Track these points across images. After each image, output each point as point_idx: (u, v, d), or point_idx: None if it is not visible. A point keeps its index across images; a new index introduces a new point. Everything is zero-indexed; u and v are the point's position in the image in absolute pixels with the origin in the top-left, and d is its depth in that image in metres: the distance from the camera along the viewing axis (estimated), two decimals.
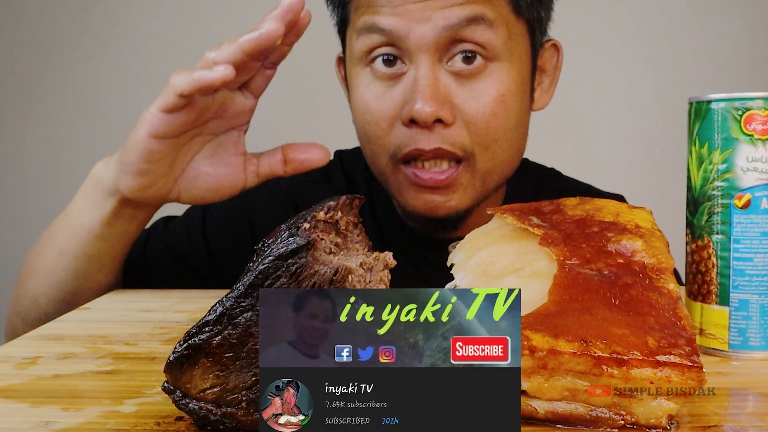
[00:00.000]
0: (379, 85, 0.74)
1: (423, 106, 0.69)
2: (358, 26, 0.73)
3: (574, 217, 0.51)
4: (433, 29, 0.70)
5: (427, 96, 0.69)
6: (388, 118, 0.73)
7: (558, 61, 0.82)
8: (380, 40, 0.72)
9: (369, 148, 0.77)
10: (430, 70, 0.70)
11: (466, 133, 0.72)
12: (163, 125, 0.62)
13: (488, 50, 0.71)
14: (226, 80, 0.58)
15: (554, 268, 0.45)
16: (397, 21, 0.70)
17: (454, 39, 0.70)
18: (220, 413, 0.38)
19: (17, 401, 0.44)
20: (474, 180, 0.75)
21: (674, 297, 0.43)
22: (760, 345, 0.51)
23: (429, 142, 0.71)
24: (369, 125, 0.75)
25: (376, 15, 0.71)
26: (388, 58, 0.73)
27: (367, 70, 0.74)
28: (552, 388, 0.39)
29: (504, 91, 0.72)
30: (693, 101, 0.54)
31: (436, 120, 0.70)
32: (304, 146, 0.69)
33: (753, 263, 0.51)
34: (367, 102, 0.75)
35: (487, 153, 0.74)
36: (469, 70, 0.72)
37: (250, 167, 0.69)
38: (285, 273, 0.39)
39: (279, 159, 0.69)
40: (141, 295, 0.76)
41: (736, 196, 0.51)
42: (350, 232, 0.46)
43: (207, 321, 0.39)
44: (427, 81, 0.70)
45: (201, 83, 0.58)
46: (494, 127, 0.73)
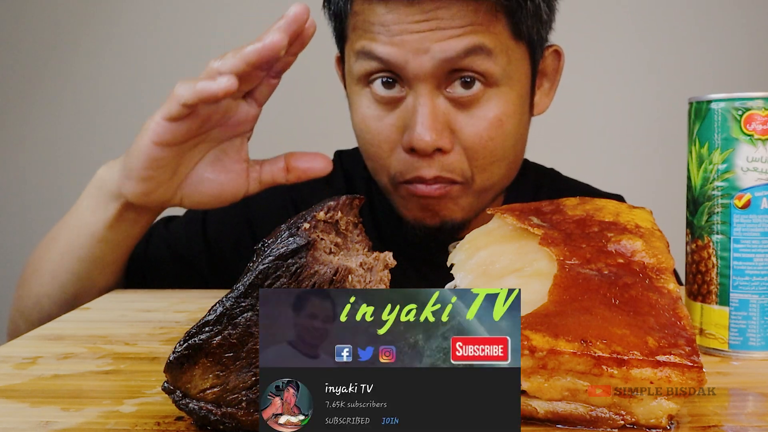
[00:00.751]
0: (379, 108, 0.74)
1: (422, 137, 0.69)
2: (356, 49, 0.73)
3: (574, 217, 0.51)
4: (431, 60, 0.69)
5: (427, 126, 0.69)
6: (390, 142, 0.74)
7: (559, 65, 0.82)
8: (378, 66, 0.71)
9: (370, 164, 0.78)
10: (429, 99, 0.70)
11: (464, 158, 0.72)
12: (167, 133, 0.63)
13: (487, 78, 0.71)
14: (229, 92, 0.58)
15: (554, 268, 0.45)
16: (395, 51, 0.69)
17: (452, 69, 0.70)
18: (220, 413, 0.38)
19: (17, 401, 0.44)
20: (469, 196, 0.75)
21: (674, 297, 0.43)
22: (760, 345, 0.51)
23: (429, 170, 0.72)
24: (370, 146, 0.76)
25: (373, 42, 0.70)
26: (387, 80, 0.72)
27: (367, 90, 0.74)
28: (552, 388, 0.39)
29: (501, 115, 0.72)
30: (693, 101, 0.54)
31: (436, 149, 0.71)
32: (307, 155, 0.69)
33: (753, 263, 0.51)
34: (368, 123, 0.75)
35: (485, 173, 0.74)
36: (469, 97, 0.71)
37: (253, 174, 0.69)
38: (285, 273, 0.39)
39: (281, 167, 0.69)
40: (141, 295, 0.76)
41: (736, 196, 0.51)
42: (350, 232, 0.46)
43: (207, 321, 0.39)
44: (427, 110, 0.70)
45: (204, 94, 0.59)
46: (491, 150, 0.73)
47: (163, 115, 0.62)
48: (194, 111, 0.62)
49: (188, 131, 0.63)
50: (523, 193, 0.86)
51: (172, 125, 0.62)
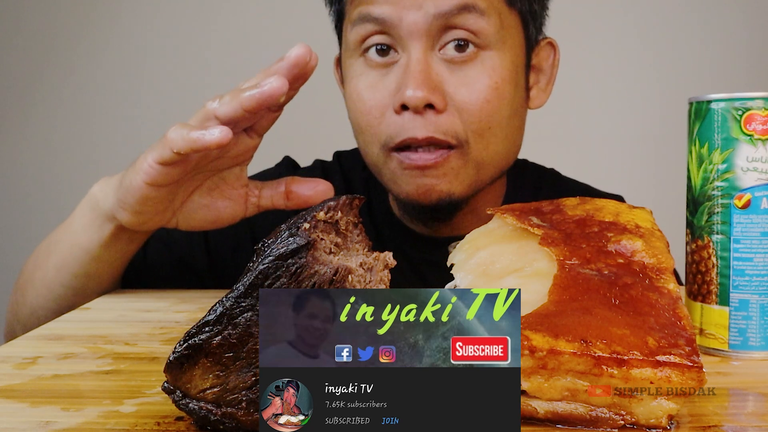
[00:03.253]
0: (372, 74, 0.74)
1: (414, 92, 0.69)
2: (353, 17, 0.74)
3: (574, 217, 0.51)
4: (424, 16, 0.70)
5: (419, 81, 0.70)
6: (380, 107, 0.73)
7: (554, 59, 0.82)
8: (373, 28, 0.73)
9: (361, 138, 0.77)
10: (422, 56, 0.71)
11: (458, 120, 0.72)
12: (159, 176, 0.62)
13: (480, 38, 0.72)
14: (222, 144, 0.57)
15: (554, 268, 0.45)
16: (390, 9, 0.71)
17: (445, 26, 0.71)
18: (220, 413, 0.38)
19: (17, 401, 0.44)
20: (467, 167, 0.74)
21: (674, 297, 0.43)
22: (760, 345, 0.51)
23: (421, 130, 0.71)
24: (361, 115, 0.75)
25: (370, 5, 0.72)
26: (382, 48, 0.73)
27: (361, 60, 0.75)
28: (552, 388, 0.39)
29: (497, 79, 0.73)
30: (693, 101, 0.54)
31: (428, 105, 0.70)
32: (308, 182, 0.69)
33: (753, 263, 0.51)
34: (360, 91, 0.75)
35: (482, 141, 0.73)
36: (461, 58, 0.72)
37: (251, 199, 0.69)
38: (285, 273, 0.39)
39: (282, 192, 0.68)
40: (141, 295, 0.76)
41: (736, 196, 0.51)
42: (350, 232, 0.46)
43: (207, 321, 0.39)
44: (419, 66, 0.71)
45: (196, 145, 0.57)
46: (487, 114, 0.73)
47: (155, 158, 0.61)
48: (187, 157, 0.60)
49: (181, 173, 0.62)
50: (523, 193, 0.86)
51: (165, 168, 0.61)
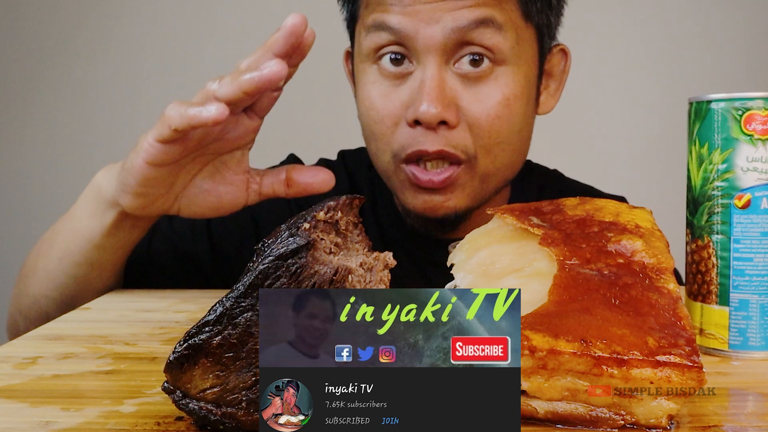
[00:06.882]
0: (385, 84, 0.74)
1: (428, 108, 0.69)
2: (368, 23, 0.73)
3: (574, 217, 0.51)
4: (441, 30, 0.70)
5: (433, 97, 0.69)
6: (393, 117, 0.73)
7: (566, 65, 0.82)
8: (388, 38, 0.72)
9: (373, 145, 0.77)
10: (437, 71, 0.70)
11: (469, 135, 0.72)
12: (159, 155, 0.61)
13: (496, 54, 0.71)
14: (219, 120, 0.57)
15: (554, 268, 0.45)
16: (406, 21, 0.70)
17: (462, 41, 0.70)
18: (220, 413, 0.38)
19: (17, 401, 0.44)
20: (473, 181, 0.74)
21: (674, 297, 0.43)
22: (760, 345, 0.51)
23: (432, 143, 0.71)
24: (374, 123, 0.75)
25: (386, 13, 0.71)
26: (396, 57, 0.73)
27: (374, 67, 0.75)
28: (552, 388, 0.39)
29: (509, 95, 0.72)
30: (693, 101, 0.54)
31: (441, 122, 0.70)
32: (309, 170, 0.68)
33: (753, 263, 0.51)
34: (373, 100, 0.75)
35: (489, 156, 0.74)
36: (476, 73, 0.71)
37: (253, 186, 0.69)
38: (285, 273, 0.39)
39: (282, 179, 0.68)
40: (141, 295, 0.76)
41: (736, 196, 0.51)
42: (350, 232, 0.46)
43: (207, 321, 0.39)
44: (434, 82, 0.70)
45: (194, 121, 0.58)
46: (497, 130, 0.73)
47: (155, 136, 0.61)
48: (186, 134, 0.60)
49: (182, 151, 0.62)
50: (527, 194, 0.86)
51: (164, 147, 0.61)
